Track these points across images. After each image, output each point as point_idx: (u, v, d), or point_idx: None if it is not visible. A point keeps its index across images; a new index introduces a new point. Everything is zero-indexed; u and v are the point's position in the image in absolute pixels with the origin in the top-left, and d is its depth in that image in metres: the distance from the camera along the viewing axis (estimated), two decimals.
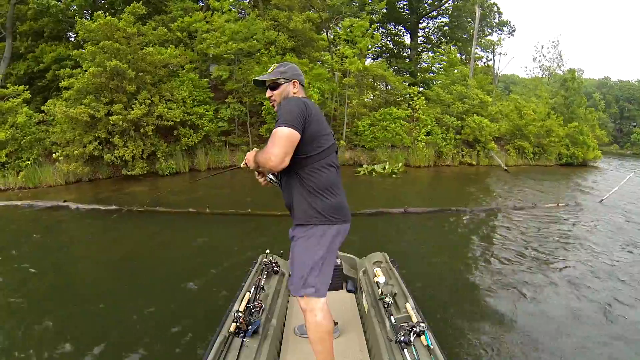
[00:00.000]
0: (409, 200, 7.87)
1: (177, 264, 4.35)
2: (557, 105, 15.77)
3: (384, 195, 8.86)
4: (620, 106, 37.35)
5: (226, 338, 1.82)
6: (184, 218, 6.20)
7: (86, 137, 8.97)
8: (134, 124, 9.11)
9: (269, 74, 1.78)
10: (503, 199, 8.38)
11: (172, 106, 9.42)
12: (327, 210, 1.67)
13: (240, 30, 10.01)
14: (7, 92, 9.38)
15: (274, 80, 1.77)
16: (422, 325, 1.85)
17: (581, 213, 7.17)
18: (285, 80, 1.76)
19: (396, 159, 11.64)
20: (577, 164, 15.42)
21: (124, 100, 9.09)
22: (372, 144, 11.86)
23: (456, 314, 3.22)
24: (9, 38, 11.54)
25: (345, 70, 11.77)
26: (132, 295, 3.55)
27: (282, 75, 1.76)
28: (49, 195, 8.13)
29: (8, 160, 9.06)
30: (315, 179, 1.66)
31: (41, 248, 5.01)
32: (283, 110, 1.59)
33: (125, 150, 8.93)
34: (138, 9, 9.57)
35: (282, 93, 1.76)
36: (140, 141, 9.26)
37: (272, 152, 1.52)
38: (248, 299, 2.13)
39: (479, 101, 13.37)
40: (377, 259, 2.77)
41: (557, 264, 4.55)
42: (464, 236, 5.63)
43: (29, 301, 3.45)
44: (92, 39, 9.26)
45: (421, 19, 17.13)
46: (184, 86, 10.07)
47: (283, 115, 1.57)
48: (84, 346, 2.71)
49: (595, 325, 3.14)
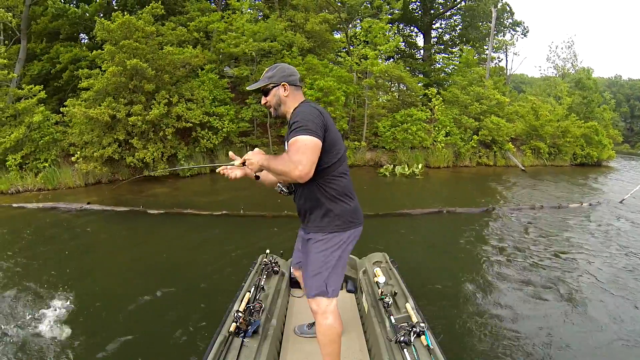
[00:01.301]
0: (435, 200, 7.82)
1: (209, 266, 4.20)
2: (574, 105, 15.66)
3: (414, 195, 8.80)
4: (630, 105, 36.92)
5: (226, 338, 1.82)
6: (211, 220, 6.05)
7: (105, 138, 8.83)
8: (153, 125, 8.98)
9: (259, 81, 1.74)
10: (528, 199, 8.33)
11: (191, 106, 9.28)
12: (346, 215, 1.71)
13: (260, 31, 9.91)
14: (22, 92, 9.26)
15: (264, 86, 1.72)
16: (422, 325, 1.85)
17: (604, 213, 7.18)
18: (274, 84, 1.70)
19: (416, 159, 11.51)
20: (591, 164, 15.39)
21: (143, 101, 8.96)
22: (392, 145, 11.74)
23: (456, 314, 3.18)
24: (23, 40, 11.45)
25: (364, 71, 11.67)
26: (167, 299, 3.43)
27: (270, 81, 1.70)
28: (69, 197, 7.97)
29: (25, 161, 8.92)
30: (336, 186, 1.67)
31: (70, 250, 4.85)
32: (301, 118, 1.52)
33: (146, 153, 8.77)
34: (157, 9, 9.47)
35: (274, 98, 1.71)
36: (160, 143, 9.12)
37: (300, 162, 1.43)
38: (248, 299, 2.12)
39: (496, 102, 13.27)
40: (377, 259, 2.77)
41: (579, 264, 4.49)
42: (487, 236, 5.57)
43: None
44: (110, 39, 9.16)
45: (434, 20, 17.07)
46: (204, 86, 9.94)
47: (303, 123, 1.50)
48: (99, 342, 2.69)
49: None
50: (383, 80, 12.69)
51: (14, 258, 4.48)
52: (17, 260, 4.41)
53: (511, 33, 16.66)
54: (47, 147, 9.04)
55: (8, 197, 8.27)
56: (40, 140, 8.87)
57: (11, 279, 3.89)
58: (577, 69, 17.48)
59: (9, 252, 4.67)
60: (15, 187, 8.67)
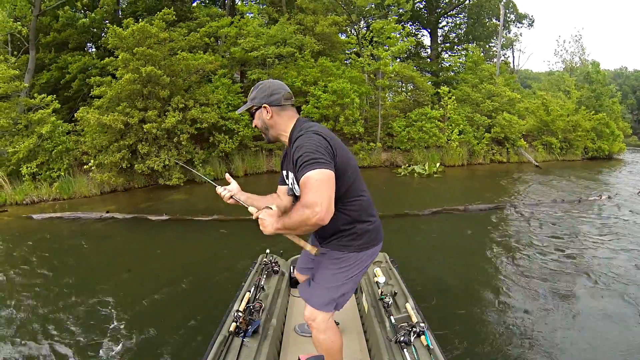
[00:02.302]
0: (460, 198, 7.73)
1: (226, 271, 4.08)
2: (583, 99, 15.61)
3: (440, 193, 8.73)
4: (637, 97, 36.46)
5: (226, 338, 1.82)
6: (241, 225, 5.92)
7: (115, 145, 8.72)
8: (168, 132, 8.87)
9: (245, 103, 1.62)
10: (547, 194, 8.30)
11: (206, 110, 9.20)
12: (368, 236, 1.61)
13: (275, 34, 9.85)
14: (35, 102, 9.16)
15: (248, 109, 1.59)
16: (422, 325, 1.85)
17: (623, 205, 7.17)
18: (256, 107, 1.56)
19: (432, 158, 11.42)
20: (602, 157, 15.36)
21: (157, 107, 8.87)
22: (407, 144, 11.66)
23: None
24: (32, 50, 11.39)
25: (375, 72, 11.61)
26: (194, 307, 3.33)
27: (252, 103, 1.56)
28: (86, 206, 7.85)
29: (39, 171, 8.81)
30: (356, 207, 1.56)
31: (96, 259, 4.76)
32: (305, 151, 1.35)
33: (156, 161, 8.65)
34: (169, 15, 9.41)
35: (259, 121, 1.58)
36: (175, 150, 9.01)
37: (316, 203, 1.27)
38: (248, 298, 2.12)
39: (508, 99, 13.21)
40: (377, 259, 2.74)
41: (598, 259, 4.38)
42: (509, 233, 5.51)
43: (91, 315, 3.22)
44: (122, 46, 9.09)
45: (440, 18, 17.06)
46: (218, 90, 9.87)
47: (309, 156, 1.33)
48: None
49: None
50: (394, 81, 12.61)
51: (44, 269, 4.37)
52: (48, 269, 4.31)
53: (517, 27, 16.65)
54: (59, 156, 8.92)
55: (24, 207, 8.16)
56: (53, 150, 8.77)
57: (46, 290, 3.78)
58: (584, 63, 17.46)
59: (40, 263, 4.56)
60: (30, 198, 8.56)
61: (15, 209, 8.09)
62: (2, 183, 8.68)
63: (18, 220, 6.93)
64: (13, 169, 8.73)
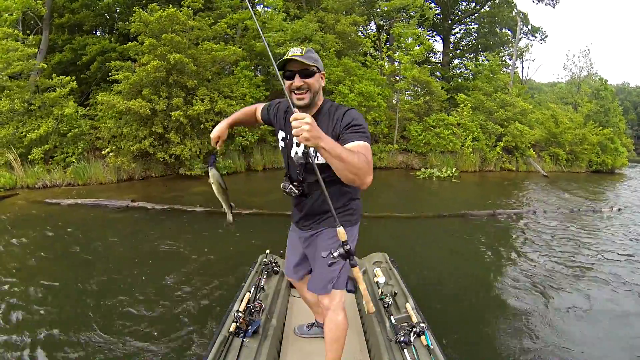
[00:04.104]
0: (481, 203, 7.89)
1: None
2: (592, 113, 16.02)
3: (461, 196, 8.88)
4: (638, 113, 37.18)
5: (226, 338, 1.81)
6: (276, 220, 5.83)
7: (142, 131, 8.51)
8: (192, 120, 8.70)
9: (302, 56, 1.45)
10: (562, 203, 8.55)
11: (231, 102, 9.07)
12: (359, 211, 1.73)
13: (299, 30, 9.78)
14: (52, 82, 8.87)
15: (309, 66, 1.46)
16: (422, 325, 1.86)
17: (633, 216, 7.51)
18: (319, 70, 1.51)
19: (447, 163, 11.54)
20: (605, 171, 15.78)
21: (182, 95, 8.70)
22: (424, 148, 11.76)
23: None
24: (45, 30, 11.05)
25: (394, 74, 11.66)
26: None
27: (316, 64, 1.49)
28: (104, 193, 7.62)
29: (52, 154, 8.52)
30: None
31: (128, 251, 4.54)
32: (362, 122, 1.47)
33: (183, 148, 8.48)
34: (197, 2, 9.25)
35: (318, 83, 1.52)
36: (197, 139, 8.85)
37: (370, 170, 1.33)
38: (248, 299, 2.12)
39: (520, 109, 13.45)
40: (377, 259, 2.77)
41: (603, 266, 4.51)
42: (527, 238, 5.61)
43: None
44: (144, 32, 8.88)
45: (454, 25, 17.26)
46: (241, 82, 9.74)
47: (365, 129, 1.47)
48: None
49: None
50: (410, 85, 12.69)
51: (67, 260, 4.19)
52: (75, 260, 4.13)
53: (529, 39, 17.00)
54: (74, 140, 8.65)
55: (36, 191, 7.88)
56: (68, 133, 8.49)
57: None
58: (591, 78, 17.90)
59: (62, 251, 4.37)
60: (42, 182, 8.27)
61: (27, 192, 7.80)
62: (14, 164, 8.34)
63: (33, 205, 6.60)
64: (23, 152, 8.40)
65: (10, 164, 8.32)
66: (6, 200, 7.14)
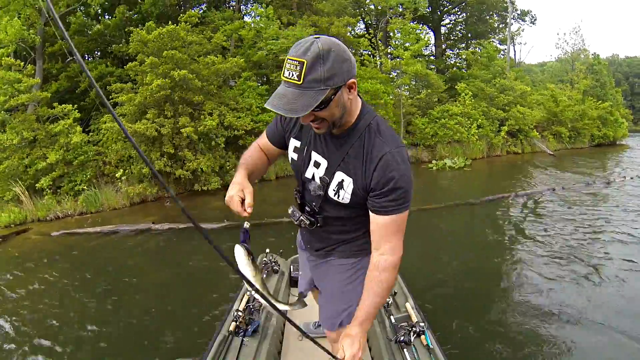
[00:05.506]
0: (498, 187, 7.94)
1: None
2: (588, 89, 16.22)
3: (478, 184, 9.02)
4: (630, 82, 37.08)
5: (226, 337, 1.82)
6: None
7: (153, 153, 8.40)
8: (201, 136, 8.61)
9: (300, 86, 0.92)
10: (575, 179, 8.71)
11: (239, 115, 8.99)
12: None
13: (299, 35, 9.75)
14: (55, 112, 8.72)
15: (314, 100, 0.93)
16: (422, 325, 1.85)
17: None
18: (336, 90, 0.96)
19: (456, 153, 11.59)
20: (607, 143, 16.00)
21: (188, 112, 8.60)
22: (431, 140, 11.81)
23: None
24: (39, 60, 10.92)
25: (393, 71, 11.68)
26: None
27: (327, 85, 0.92)
28: (118, 218, 7.45)
29: (59, 184, 8.34)
30: None
31: (157, 277, 4.39)
32: (407, 187, 1.06)
33: (199, 162, 8.37)
34: (193, 17, 9.20)
35: (339, 108, 1.01)
36: (210, 154, 8.75)
37: (394, 248, 1.12)
38: (248, 298, 2.12)
39: (520, 92, 13.57)
40: None
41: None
42: (547, 215, 5.75)
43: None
44: (143, 51, 8.79)
45: (444, 16, 17.41)
46: (245, 94, 9.67)
47: (410, 195, 1.08)
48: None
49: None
50: (411, 79, 12.74)
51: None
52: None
53: (519, 23, 17.21)
54: (81, 167, 8.50)
55: (48, 224, 7.63)
56: (74, 161, 8.33)
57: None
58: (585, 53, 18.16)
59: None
60: (53, 213, 8.08)
61: (39, 226, 7.56)
62: (23, 198, 8.14)
63: (48, 239, 6.27)
64: (31, 183, 8.21)
65: (19, 198, 8.13)
66: (19, 236, 6.89)
